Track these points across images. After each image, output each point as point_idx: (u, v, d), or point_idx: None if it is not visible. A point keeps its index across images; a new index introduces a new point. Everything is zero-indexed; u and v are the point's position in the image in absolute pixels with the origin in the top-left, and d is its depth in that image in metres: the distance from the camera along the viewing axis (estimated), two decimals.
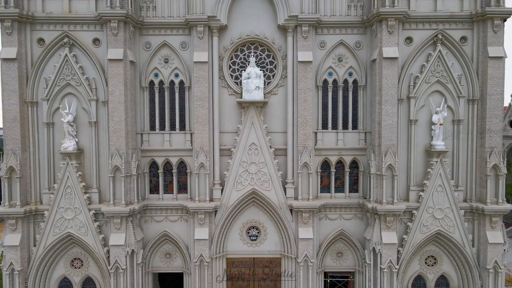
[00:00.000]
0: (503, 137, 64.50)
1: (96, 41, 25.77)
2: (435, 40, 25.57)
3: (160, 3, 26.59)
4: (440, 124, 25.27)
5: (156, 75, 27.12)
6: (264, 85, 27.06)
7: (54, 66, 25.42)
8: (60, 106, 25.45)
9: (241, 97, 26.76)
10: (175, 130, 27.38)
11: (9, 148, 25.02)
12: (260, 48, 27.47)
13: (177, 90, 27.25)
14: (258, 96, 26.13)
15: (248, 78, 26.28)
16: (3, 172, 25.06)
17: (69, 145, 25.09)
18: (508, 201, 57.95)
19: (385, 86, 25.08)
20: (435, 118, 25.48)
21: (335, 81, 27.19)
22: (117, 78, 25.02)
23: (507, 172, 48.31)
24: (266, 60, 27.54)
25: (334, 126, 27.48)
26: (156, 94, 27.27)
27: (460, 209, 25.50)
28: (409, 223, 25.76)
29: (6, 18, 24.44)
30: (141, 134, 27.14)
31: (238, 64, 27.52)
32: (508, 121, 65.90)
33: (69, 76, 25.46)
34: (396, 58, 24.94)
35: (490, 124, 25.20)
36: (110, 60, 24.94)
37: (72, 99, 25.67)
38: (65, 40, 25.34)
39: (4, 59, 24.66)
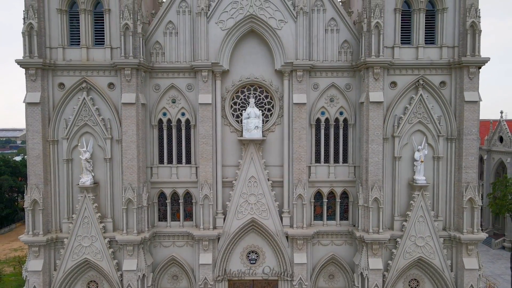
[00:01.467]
0: (493, 152, 67.41)
1: (110, 85, 28.54)
2: (417, 84, 28.31)
3: (168, 49, 29.39)
4: (421, 161, 27.97)
5: (164, 114, 29.91)
6: (263, 123, 29.86)
7: (73, 108, 28.21)
8: (79, 144, 28.23)
9: (241, 135, 29.52)
10: (181, 164, 30.15)
11: (33, 183, 27.80)
12: (259, 90, 30.26)
13: (183, 128, 30.03)
14: (257, 134, 28.90)
15: (248, 118, 29.05)
16: (27, 204, 27.84)
17: (86, 179, 27.85)
18: (497, 216, 60.54)
19: (371, 127, 27.82)
20: (417, 155, 28.20)
21: (327, 120, 29.94)
22: (130, 120, 27.81)
23: (493, 190, 51.26)
24: (264, 100, 30.32)
25: (326, 160, 30.23)
26: (165, 131, 30.05)
27: (440, 237, 28.18)
28: (393, 250, 28.44)
29: (31, 67, 27.25)
30: (151, 167, 29.91)
31: (239, 104, 30.31)
32: (498, 137, 68.89)
33: (86, 117, 28.25)
34: (381, 102, 27.68)
35: (466, 162, 27.92)
36: (124, 103, 27.74)
37: (89, 138, 28.46)
38: (83, 85, 28.12)
39: (29, 103, 27.46)
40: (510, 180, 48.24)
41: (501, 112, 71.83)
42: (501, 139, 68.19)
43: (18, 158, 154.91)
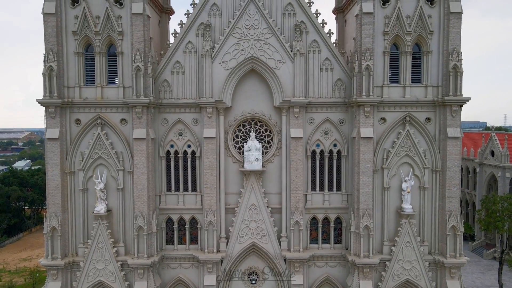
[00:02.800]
0: (485, 165, 69.76)
1: (123, 120, 31.06)
2: (404, 121, 30.80)
3: (176, 87, 31.93)
4: (408, 192, 30.47)
5: (172, 146, 32.43)
6: (263, 154, 32.39)
7: (89, 142, 30.74)
8: (94, 175, 30.75)
9: (243, 166, 32.04)
10: (188, 192, 32.68)
11: (52, 211, 30.31)
12: (259, 124, 32.80)
13: (189, 159, 32.55)
14: (257, 166, 31.43)
15: (249, 150, 31.59)
16: (46, 230, 30.35)
17: (100, 208, 30.38)
18: (486, 232, 62.50)
19: (362, 160, 30.33)
20: (404, 185, 30.70)
21: (322, 151, 32.46)
22: (140, 153, 30.34)
23: (482, 206, 53.67)
24: (264, 133, 32.85)
25: (321, 188, 32.74)
26: (172, 162, 32.57)
27: (425, 261, 30.67)
28: (383, 272, 30.92)
29: (51, 105, 29.78)
30: (159, 195, 32.44)
31: (240, 136, 32.85)
32: (490, 151, 71.39)
33: (100, 150, 30.78)
34: (371, 137, 30.19)
35: (450, 192, 30.41)
36: (135, 139, 30.28)
37: (103, 169, 30.98)
38: (98, 121, 30.65)
39: (49, 139, 30.00)
40: (498, 198, 50.65)
41: (493, 127, 74.50)
42: (492, 153, 70.70)
43: (21, 163, 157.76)
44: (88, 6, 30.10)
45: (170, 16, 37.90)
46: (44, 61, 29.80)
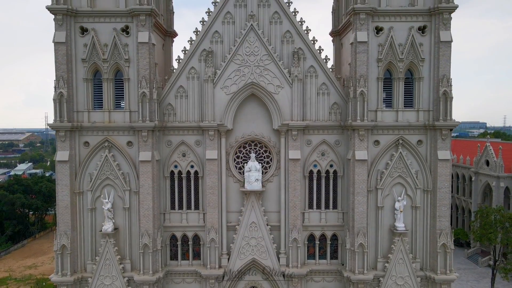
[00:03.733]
0: (480, 174, 71.23)
1: (129, 143, 32.61)
2: (397, 143, 32.36)
3: (179, 110, 33.50)
4: (401, 211, 32.02)
5: (175, 166, 34.00)
6: (262, 174, 33.93)
7: (97, 163, 32.30)
8: (101, 196, 32.31)
9: (243, 186, 33.59)
10: (191, 210, 34.24)
11: (62, 230, 31.87)
12: (259, 145, 34.38)
13: (192, 178, 34.11)
14: (257, 186, 32.99)
15: (249, 171, 33.15)
16: (56, 248, 31.90)
17: (108, 227, 31.93)
18: (481, 242, 63.74)
19: (357, 181, 31.89)
20: (397, 205, 32.24)
21: (319, 171, 34.02)
22: (146, 175, 31.90)
23: (475, 218, 55.14)
24: (264, 154, 34.42)
25: (318, 206, 34.31)
26: (176, 182, 34.13)
27: (417, 277, 32.19)
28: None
29: (61, 129, 31.34)
30: (164, 213, 34.00)
31: (241, 157, 34.42)
32: (485, 160, 72.97)
33: (108, 171, 32.32)
34: (365, 160, 31.74)
35: (440, 211, 31.97)
36: (141, 161, 31.84)
37: (110, 189, 32.52)
38: (106, 144, 32.20)
39: (59, 161, 31.55)
40: (491, 210, 52.19)
41: (488, 136, 76.02)
42: (487, 163, 72.27)
43: (22, 166, 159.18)
44: (96, 34, 31.65)
45: (173, 39, 39.47)
46: (55, 87, 31.36)
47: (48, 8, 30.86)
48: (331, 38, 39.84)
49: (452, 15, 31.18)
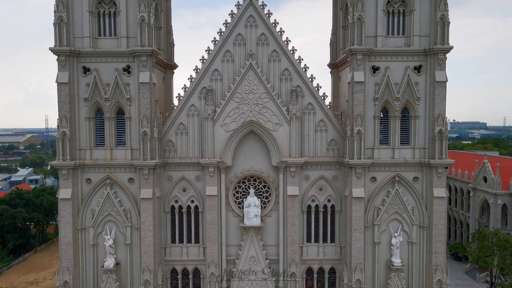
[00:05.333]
0: (478, 190, 71.86)
1: (130, 179, 33.23)
2: (394, 180, 32.95)
3: (180, 146, 34.14)
4: (397, 247, 32.62)
5: (176, 201, 34.61)
6: (261, 208, 34.53)
7: (99, 200, 32.92)
8: (103, 232, 32.91)
9: (243, 220, 34.20)
10: (191, 243, 34.87)
11: (64, 266, 32.48)
12: (258, 180, 34.98)
13: (192, 213, 34.73)
14: (257, 222, 33.61)
15: (249, 206, 33.77)
16: (59, 283, 32.49)
17: (110, 263, 32.53)
18: (478, 265, 64.09)
19: (354, 217, 32.50)
20: (393, 241, 32.85)
21: (317, 206, 34.63)
22: (147, 212, 32.52)
23: (472, 240, 55.63)
24: (263, 189, 35.04)
25: (316, 240, 34.90)
26: (176, 216, 34.77)
27: None
28: None
29: (63, 168, 31.95)
30: (164, 247, 34.61)
31: (240, 192, 35.04)
32: (482, 177, 73.52)
33: (110, 208, 32.95)
34: (362, 197, 32.34)
35: (436, 247, 32.57)
36: (142, 198, 32.45)
37: (112, 225, 33.14)
38: (108, 181, 32.81)
39: (62, 199, 32.16)
40: (488, 233, 52.72)
41: (486, 154, 76.60)
42: (485, 179, 72.81)
43: (23, 171, 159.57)
44: (98, 74, 32.28)
45: (174, 71, 40.06)
46: (58, 126, 31.97)
47: (51, 49, 31.49)
48: (329, 70, 40.39)
49: (452, 14, 32.14)
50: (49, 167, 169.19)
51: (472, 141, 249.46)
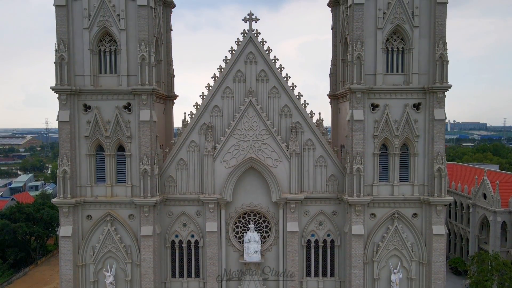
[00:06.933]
0: (478, 206, 71.90)
1: (131, 216, 33.41)
2: (393, 217, 33.10)
3: (180, 182, 34.30)
4: (397, 284, 32.76)
5: (176, 236, 34.77)
6: (261, 243, 34.66)
7: (99, 237, 33.07)
8: (104, 268, 33.05)
9: (243, 255, 34.32)
10: (191, 278, 35.01)
11: None
12: (258, 215, 35.12)
13: (193, 248, 34.88)
14: (256, 258, 33.76)
15: (249, 242, 33.90)
16: None
17: None
18: None
19: (354, 255, 32.65)
20: (393, 277, 32.99)
21: (316, 241, 34.78)
22: (148, 249, 32.68)
23: (471, 263, 55.66)
24: (263, 224, 35.18)
25: (316, 274, 35.04)
26: (177, 251, 34.91)
27: None
28: None
29: (64, 206, 32.11)
30: (165, 282, 34.76)
31: (240, 227, 35.18)
32: (482, 193, 73.64)
33: (110, 245, 33.09)
34: (362, 235, 32.49)
35: (435, 285, 32.72)
36: (143, 236, 32.60)
37: (113, 261, 33.27)
38: (108, 218, 32.96)
39: (62, 237, 32.32)
40: (487, 257, 52.84)
41: (485, 170, 76.63)
42: (485, 196, 72.94)
43: (23, 177, 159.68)
44: (99, 112, 32.46)
45: (174, 101, 40.24)
46: (59, 164, 32.14)
47: (52, 89, 31.68)
48: (329, 100, 40.56)
49: (452, 14, 32.61)
50: (49, 171, 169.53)
51: (472, 142, 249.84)
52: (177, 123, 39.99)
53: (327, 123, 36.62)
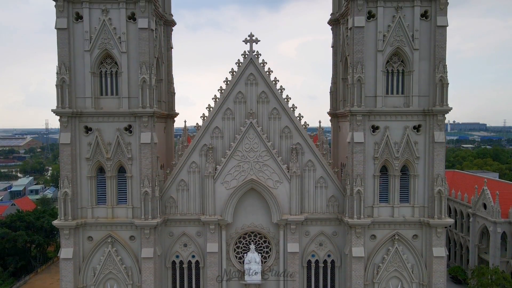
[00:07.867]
0: (478, 216, 72.02)
1: (132, 237, 33.47)
2: (393, 238, 33.17)
3: (181, 203, 34.40)
4: None
5: (177, 256, 34.84)
6: (262, 263, 34.73)
7: (100, 258, 33.13)
8: None
9: (243, 276, 34.37)
10: None
11: None
12: (258, 236, 35.17)
13: (193, 268, 34.93)
14: (257, 279, 33.86)
15: (249, 263, 33.99)
16: None
17: None
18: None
19: (354, 276, 32.72)
20: None
21: (317, 261, 34.84)
22: (148, 271, 32.75)
23: (471, 276, 55.76)
24: (263, 244, 35.24)
25: None
26: (177, 272, 34.96)
27: None
28: None
29: (65, 228, 32.18)
30: None
31: (241, 247, 35.24)
32: (482, 203, 73.69)
33: (111, 266, 33.15)
34: (362, 257, 32.55)
35: None
36: (143, 258, 32.67)
37: (113, 283, 33.34)
38: (109, 239, 33.03)
39: (63, 259, 32.38)
40: (487, 271, 52.92)
41: (486, 181, 76.68)
42: (485, 206, 72.99)
43: (23, 180, 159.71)
44: (100, 134, 32.54)
45: (175, 119, 40.34)
46: (59, 186, 32.21)
47: (54, 111, 31.75)
48: (329, 118, 40.65)
49: (452, 14, 32.67)
50: (49, 174, 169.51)
51: (472, 144, 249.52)
52: (177, 123, 40.51)
53: (326, 123, 36.67)
